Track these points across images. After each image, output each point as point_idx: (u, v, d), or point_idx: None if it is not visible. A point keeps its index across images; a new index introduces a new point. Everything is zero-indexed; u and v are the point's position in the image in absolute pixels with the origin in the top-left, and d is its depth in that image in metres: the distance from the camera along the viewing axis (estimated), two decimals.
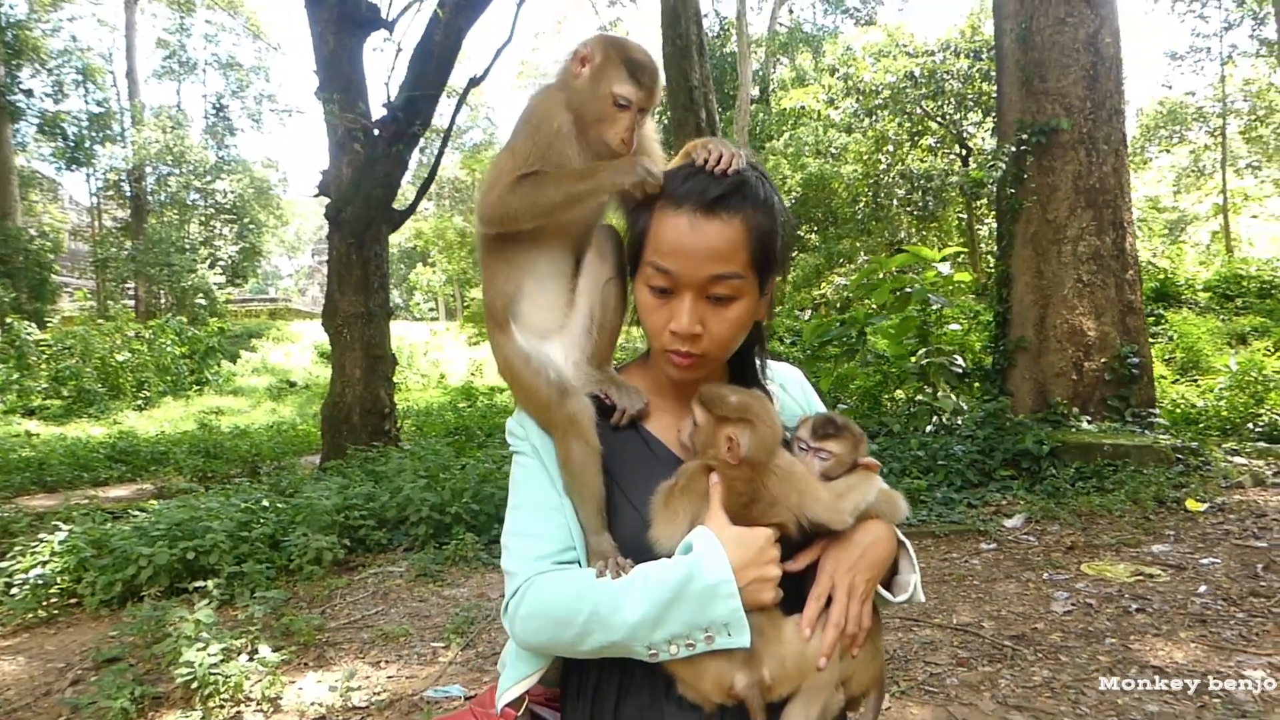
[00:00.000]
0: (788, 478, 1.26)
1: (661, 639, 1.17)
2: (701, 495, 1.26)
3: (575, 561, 1.31)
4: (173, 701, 3.99)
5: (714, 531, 1.20)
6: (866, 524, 1.29)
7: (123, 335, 20.74)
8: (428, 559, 6.23)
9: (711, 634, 1.17)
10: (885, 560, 1.31)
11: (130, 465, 11.57)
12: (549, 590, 1.25)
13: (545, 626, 1.25)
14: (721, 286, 1.25)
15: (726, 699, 1.20)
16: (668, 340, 1.28)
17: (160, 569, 5.46)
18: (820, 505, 1.25)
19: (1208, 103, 28.59)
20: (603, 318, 1.43)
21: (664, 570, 1.20)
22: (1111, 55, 8.59)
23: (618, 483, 1.35)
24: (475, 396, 17.78)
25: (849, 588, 1.25)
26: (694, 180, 1.25)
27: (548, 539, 1.31)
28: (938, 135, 22.95)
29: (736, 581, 1.16)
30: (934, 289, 8.93)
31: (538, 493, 1.36)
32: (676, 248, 1.23)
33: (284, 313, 37.18)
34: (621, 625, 1.18)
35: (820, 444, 1.33)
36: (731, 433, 1.23)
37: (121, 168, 31.67)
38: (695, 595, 1.16)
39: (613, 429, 1.38)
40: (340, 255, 9.91)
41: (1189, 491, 6.59)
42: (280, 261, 64.44)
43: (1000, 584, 5.18)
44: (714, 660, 1.19)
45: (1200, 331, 13.35)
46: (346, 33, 10.06)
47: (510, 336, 1.43)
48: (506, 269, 1.44)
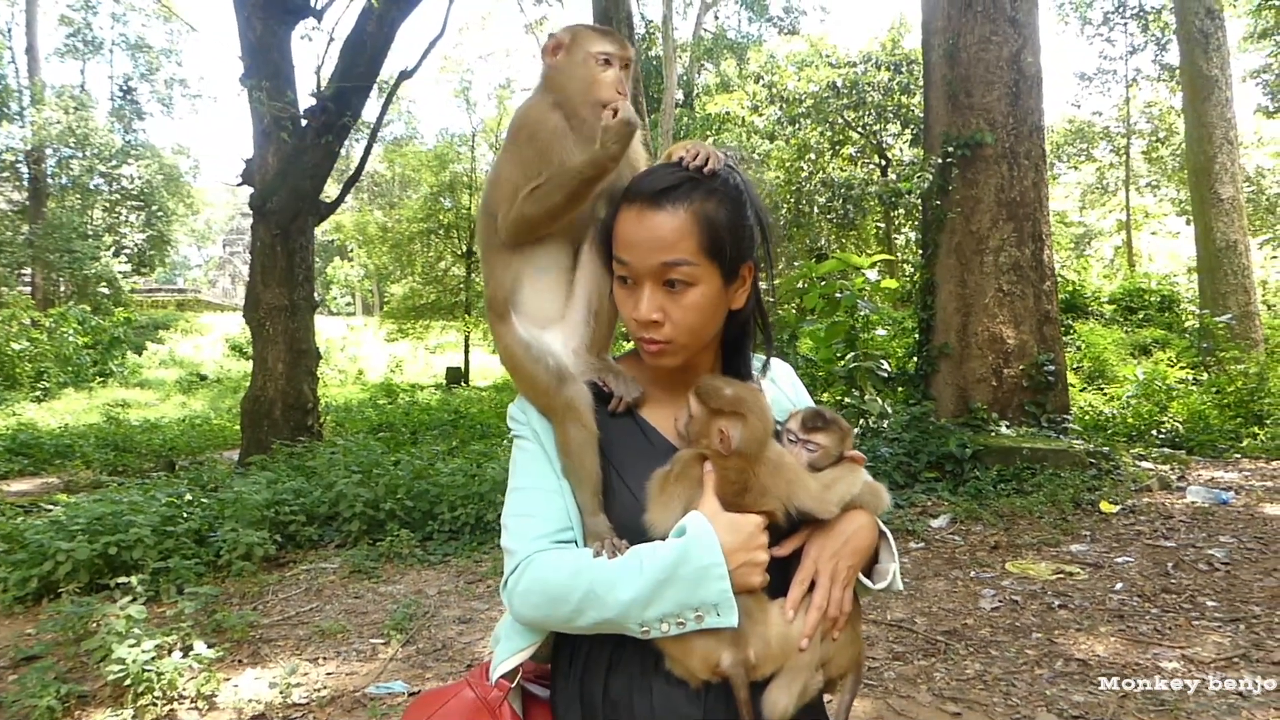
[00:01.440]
0: (778, 468, 1.31)
1: (654, 617, 1.22)
2: (695, 482, 1.30)
3: (573, 542, 1.35)
4: (101, 700, 3.86)
5: (707, 516, 1.25)
6: (850, 513, 1.35)
7: (19, 323, 19.83)
8: (361, 555, 6.13)
9: (701, 614, 1.21)
10: (867, 548, 1.37)
11: (32, 459, 11.08)
12: (547, 567, 1.30)
13: (542, 602, 1.29)
14: (674, 273, 1.29)
15: (713, 676, 1.25)
16: (634, 328, 1.34)
17: (80, 564, 5.26)
18: (808, 495, 1.30)
19: (1113, 123, 29.84)
20: (600, 307, 1.48)
21: (658, 552, 1.24)
22: (1033, 74, 8.91)
23: (614, 467, 1.39)
24: (396, 393, 17.52)
25: (832, 573, 1.30)
26: (648, 176, 1.31)
27: (547, 519, 1.36)
28: (858, 145, 23.41)
29: (727, 564, 1.21)
30: (862, 295, 9.13)
31: (537, 476, 1.40)
32: (630, 239, 1.29)
33: (193, 304, 36.09)
34: (615, 603, 1.22)
35: (809, 436, 1.37)
36: (724, 425, 1.28)
37: (19, 148, 30.22)
38: (687, 576, 1.20)
39: (610, 416, 1.43)
40: (264, 246, 9.66)
41: (1102, 494, 6.90)
42: (189, 251, 62.33)
43: (930, 581, 5.34)
44: (702, 639, 1.24)
45: (1106, 342, 13.96)
46: (274, 19, 9.80)
47: (511, 326, 1.47)
48: (506, 261, 1.47)
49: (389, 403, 16.49)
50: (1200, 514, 6.47)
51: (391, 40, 10.04)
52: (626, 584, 1.22)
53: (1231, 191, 14.04)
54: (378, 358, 25.10)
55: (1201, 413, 9.82)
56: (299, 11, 10.04)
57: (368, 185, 40.61)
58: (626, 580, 1.22)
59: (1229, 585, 4.96)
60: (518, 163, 1.43)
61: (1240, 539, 5.82)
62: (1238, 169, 14.50)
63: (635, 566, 1.23)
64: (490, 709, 1.36)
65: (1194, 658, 3.99)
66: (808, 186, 22.61)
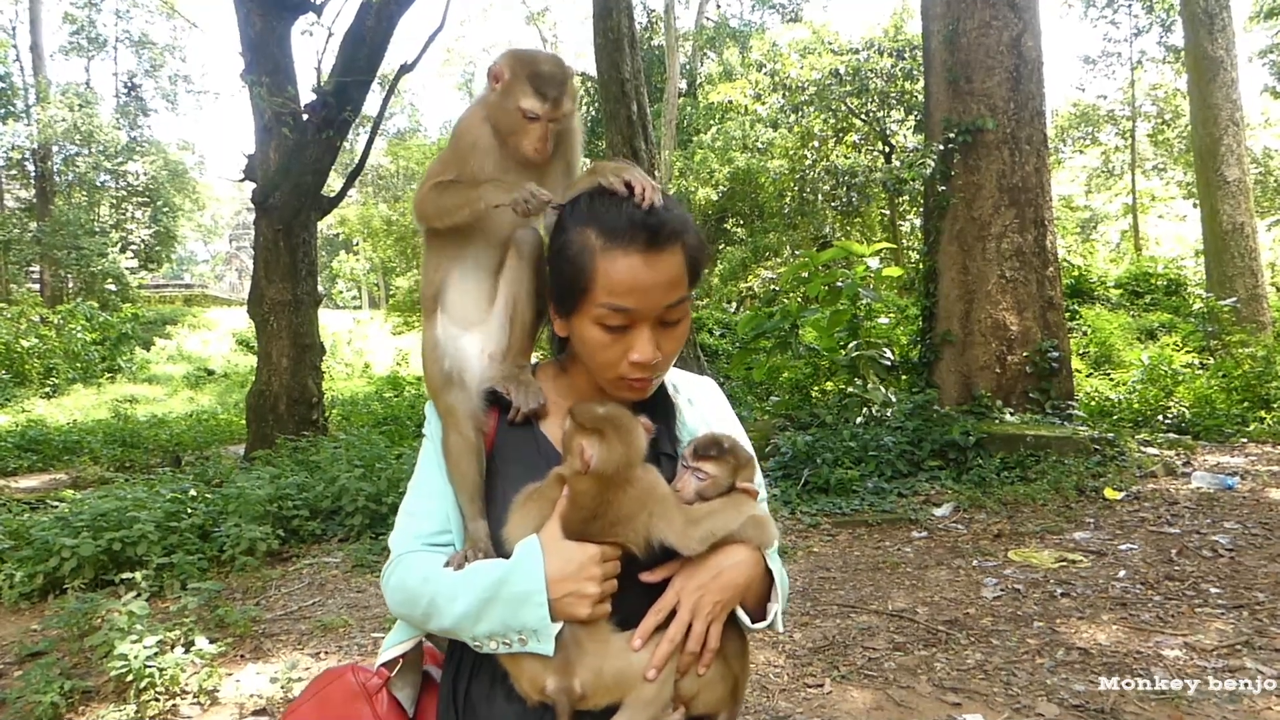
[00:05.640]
0: (643, 497, 1.27)
1: (483, 634, 1.25)
2: (552, 502, 1.29)
3: (450, 545, 1.39)
4: (104, 695, 3.89)
5: (542, 541, 1.26)
6: (728, 547, 1.31)
7: (28, 320, 19.90)
8: (364, 549, 6.15)
9: (524, 637, 1.23)
10: (743, 584, 1.32)
11: (41, 455, 11.17)
12: (407, 570, 1.35)
13: (402, 601, 1.36)
14: (673, 311, 1.31)
15: (541, 698, 1.25)
16: (627, 370, 1.32)
17: (85, 560, 5.30)
18: (670, 529, 1.26)
19: (1118, 106, 29.67)
20: (518, 314, 1.50)
21: (487, 570, 1.27)
22: (1034, 58, 8.86)
23: (501, 476, 1.40)
24: (402, 386, 17.54)
25: (694, 606, 1.27)
26: (632, 216, 1.27)
27: (426, 520, 1.41)
28: (862, 132, 23.34)
29: (549, 593, 1.22)
30: (864, 283, 9.11)
31: (428, 476, 1.45)
32: (634, 286, 1.26)
33: (200, 299, 36.12)
34: (450, 615, 1.27)
35: (698, 464, 1.34)
36: (584, 442, 1.26)
37: (25, 146, 30.27)
38: (508, 599, 1.23)
39: (509, 425, 1.44)
40: (267, 242, 9.68)
41: (1107, 481, 6.87)
42: (196, 247, 62.56)
43: (932, 571, 5.33)
44: (530, 661, 1.24)
45: (1112, 327, 13.89)
46: (274, 15, 9.80)
47: (433, 323, 1.51)
48: (438, 260, 1.52)
49: (395, 396, 16.50)
50: (1205, 500, 6.44)
51: (391, 34, 10.01)
52: (461, 598, 1.26)
53: (1238, 173, 13.94)
54: (384, 351, 25.09)
55: (1208, 397, 9.78)
56: (298, 7, 10.04)
57: (371, 179, 40.67)
58: (461, 594, 1.26)
59: (1233, 571, 4.94)
60: (440, 158, 1.52)
61: (1245, 525, 5.80)
62: (1244, 150, 14.39)
63: (468, 582, 1.26)
64: (367, 695, 1.40)
65: (1196, 645, 3.98)
66: (811, 174, 22.57)
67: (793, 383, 10.67)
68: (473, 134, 1.48)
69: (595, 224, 1.28)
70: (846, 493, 7.04)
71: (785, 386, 10.86)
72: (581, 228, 1.29)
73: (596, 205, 1.30)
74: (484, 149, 1.48)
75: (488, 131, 1.47)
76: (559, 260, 1.33)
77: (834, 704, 3.64)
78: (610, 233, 1.27)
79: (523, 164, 1.47)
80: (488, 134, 1.47)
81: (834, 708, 3.60)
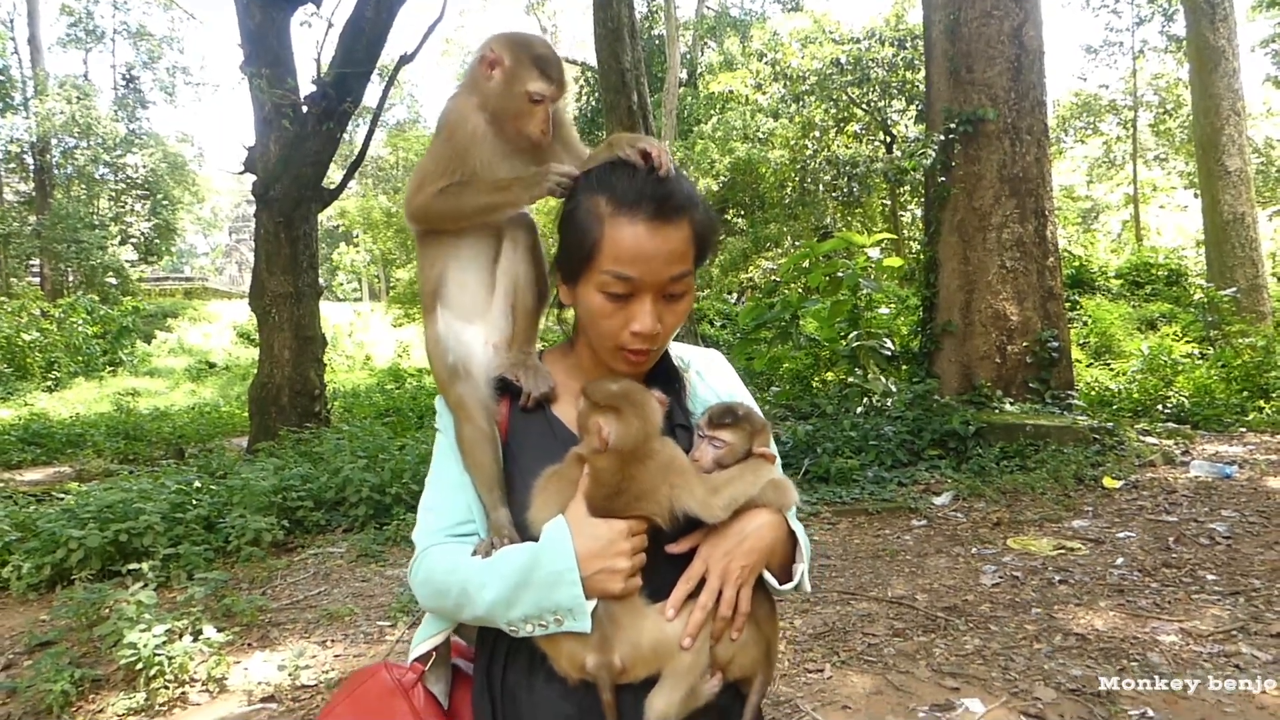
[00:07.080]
0: (663, 469, 1.29)
1: (517, 618, 1.25)
2: (573, 483, 1.30)
3: (475, 534, 1.39)
4: (114, 684, 3.93)
5: (569, 521, 1.26)
6: (751, 512, 1.32)
7: (29, 314, 19.93)
8: (368, 539, 6.20)
9: (560, 617, 1.23)
10: (767, 548, 1.33)
11: (44, 448, 11.20)
12: (435, 562, 1.36)
13: (431, 594, 1.37)
14: (677, 285, 1.31)
15: (582, 675, 1.26)
16: (627, 340, 1.32)
17: (92, 551, 5.34)
18: (692, 499, 1.27)
19: (1119, 96, 29.61)
20: (519, 301, 1.50)
21: (517, 555, 1.27)
22: (1035, 48, 8.86)
23: (518, 462, 1.41)
24: (403, 378, 17.58)
25: (722, 572, 1.28)
26: (643, 186, 1.28)
27: (448, 513, 1.41)
28: (863, 122, 23.31)
29: (580, 571, 1.22)
30: (864, 274, 9.13)
31: (444, 469, 1.44)
32: (638, 254, 1.27)
33: (200, 292, 36.11)
34: (483, 602, 1.27)
35: (714, 433, 1.35)
36: (601, 420, 1.27)
37: (24, 139, 30.21)
38: (540, 581, 1.23)
39: (521, 411, 1.45)
40: (268, 234, 9.70)
41: (1105, 470, 6.91)
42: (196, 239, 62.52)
43: (931, 558, 5.38)
44: (569, 640, 1.25)
45: (1113, 317, 13.91)
46: (273, 6, 9.81)
47: (434, 319, 1.50)
48: (434, 255, 1.51)
49: (396, 387, 16.55)
50: (1203, 488, 6.48)
51: (390, 25, 10.03)
52: (491, 585, 1.26)
53: (1239, 163, 13.94)
54: (385, 343, 25.14)
55: (1207, 387, 9.80)
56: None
57: (372, 170, 40.60)
58: (491, 581, 1.26)
59: (1229, 559, 4.99)
60: (434, 156, 1.47)
61: (1242, 513, 5.84)
62: (1245, 141, 14.39)
63: (498, 568, 1.27)
64: (403, 690, 1.39)
65: (1193, 631, 4.02)
66: (812, 164, 22.55)
67: (793, 373, 10.71)
68: (470, 125, 1.46)
69: (606, 191, 1.29)
70: (847, 481, 7.08)
71: (786, 377, 10.89)
72: (592, 194, 1.31)
73: (609, 174, 1.31)
74: (483, 138, 1.46)
75: (484, 120, 1.46)
76: (567, 226, 1.34)
77: (834, 689, 3.68)
78: (619, 200, 1.28)
79: (523, 148, 1.47)
80: (485, 122, 1.46)
81: (834, 692, 3.65)
